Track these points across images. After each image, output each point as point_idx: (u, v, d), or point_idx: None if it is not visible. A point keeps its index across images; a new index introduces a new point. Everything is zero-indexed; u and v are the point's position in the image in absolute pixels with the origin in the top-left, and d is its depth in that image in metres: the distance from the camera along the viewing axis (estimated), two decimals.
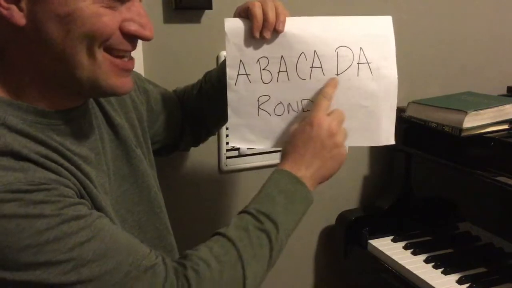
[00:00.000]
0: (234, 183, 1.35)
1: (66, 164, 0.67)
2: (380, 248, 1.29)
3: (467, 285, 1.12)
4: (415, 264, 1.21)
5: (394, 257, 1.24)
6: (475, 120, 1.18)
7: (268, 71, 0.88)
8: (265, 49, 0.87)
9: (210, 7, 1.19)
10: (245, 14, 0.86)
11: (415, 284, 1.16)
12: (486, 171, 1.15)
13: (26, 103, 0.67)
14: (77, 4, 0.62)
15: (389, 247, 1.29)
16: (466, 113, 1.16)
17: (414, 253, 1.26)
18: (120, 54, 0.69)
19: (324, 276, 1.57)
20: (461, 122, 1.17)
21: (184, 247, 0.79)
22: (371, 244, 1.31)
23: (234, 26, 0.86)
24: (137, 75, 0.98)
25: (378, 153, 1.52)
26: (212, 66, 1.10)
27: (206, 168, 1.30)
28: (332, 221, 1.46)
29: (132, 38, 0.69)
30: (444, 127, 1.22)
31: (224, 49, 0.89)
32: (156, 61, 1.19)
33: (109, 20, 0.65)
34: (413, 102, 1.32)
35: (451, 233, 1.36)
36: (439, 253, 1.25)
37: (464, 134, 1.17)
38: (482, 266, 1.20)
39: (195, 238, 0.79)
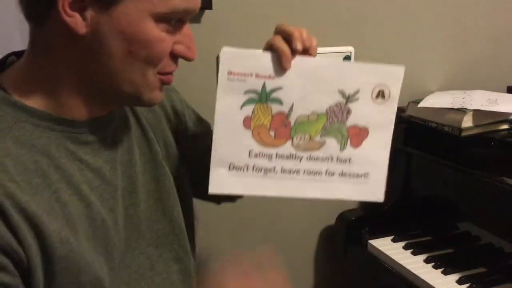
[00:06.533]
0: None
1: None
2: (380, 248, 1.29)
3: (467, 285, 1.12)
4: (415, 264, 1.21)
5: (394, 257, 1.24)
6: (475, 120, 1.18)
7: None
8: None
9: (210, 7, 1.19)
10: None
11: (415, 284, 1.16)
12: (486, 171, 1.16)
13: (44, 110, 0.66)
14: (143, 27, 0.63)
15: (389, 247, 1.29)
16: (465, 112, 1.16)
17: (414, 253, 1.25)
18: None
19: (324, 276, 1.57)
20: (461, 122, 1.17)
21: None
22: (371, 244, 1.31)
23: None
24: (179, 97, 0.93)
25: None
26: (213, 66, 1.09)
27: None
28: (332, 221, 1.45)
29: (177, 58, 0.69)
30: (444, 127, 1.22)
31: None
32: None
33: (166, 46, 0.66)
34: (413, 102, 1.32)
35: (451, 233, 1.36)
36: (439, 253, 1.25)
37: (464, 134, 1.18)
38: (482, 266, 1.20)
39: None
